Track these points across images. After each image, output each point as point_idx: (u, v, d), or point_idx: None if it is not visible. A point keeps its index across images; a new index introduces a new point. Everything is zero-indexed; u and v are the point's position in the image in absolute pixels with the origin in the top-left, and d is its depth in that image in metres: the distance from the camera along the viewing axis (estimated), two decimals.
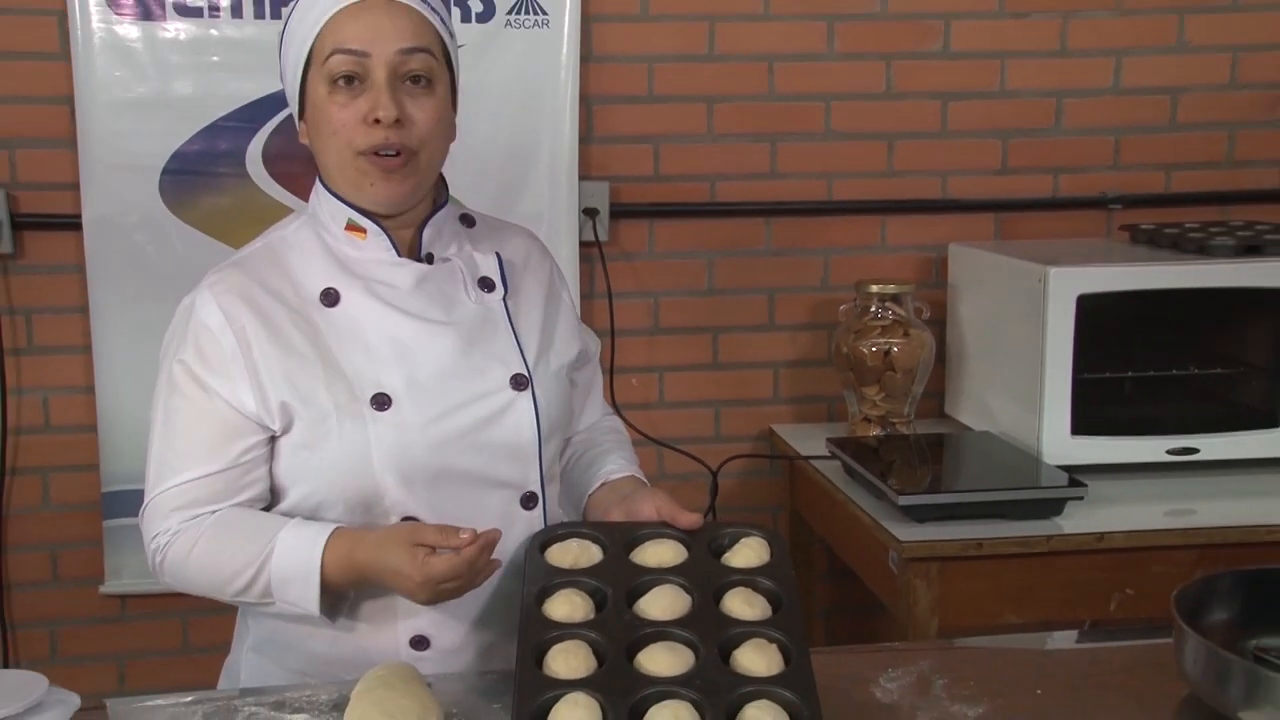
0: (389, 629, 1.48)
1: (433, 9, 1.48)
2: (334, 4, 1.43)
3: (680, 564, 1.40)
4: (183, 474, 1.45)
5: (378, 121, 1.41)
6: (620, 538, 1.44)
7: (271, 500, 1.50)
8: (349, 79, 1.42)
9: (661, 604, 1.32)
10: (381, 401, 1.43)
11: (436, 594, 1.36)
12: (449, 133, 1.51)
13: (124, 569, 2.56)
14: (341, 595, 1.45)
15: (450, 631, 1.49)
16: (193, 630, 2.66)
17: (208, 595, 1.47)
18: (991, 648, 1.60)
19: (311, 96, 1.46)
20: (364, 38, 1.41)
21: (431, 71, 1.46)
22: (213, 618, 2.56)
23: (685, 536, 1.44)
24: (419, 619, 1.47)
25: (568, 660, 1.24)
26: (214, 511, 1.45)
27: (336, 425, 1.43)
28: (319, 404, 1.43)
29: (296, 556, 1.40)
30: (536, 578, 1.38)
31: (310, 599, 1.40)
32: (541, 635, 1.28)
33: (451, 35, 1.52)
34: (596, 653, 1.26)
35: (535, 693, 1.20)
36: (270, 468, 1.48)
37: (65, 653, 2.64)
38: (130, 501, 2.50)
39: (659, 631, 1.28)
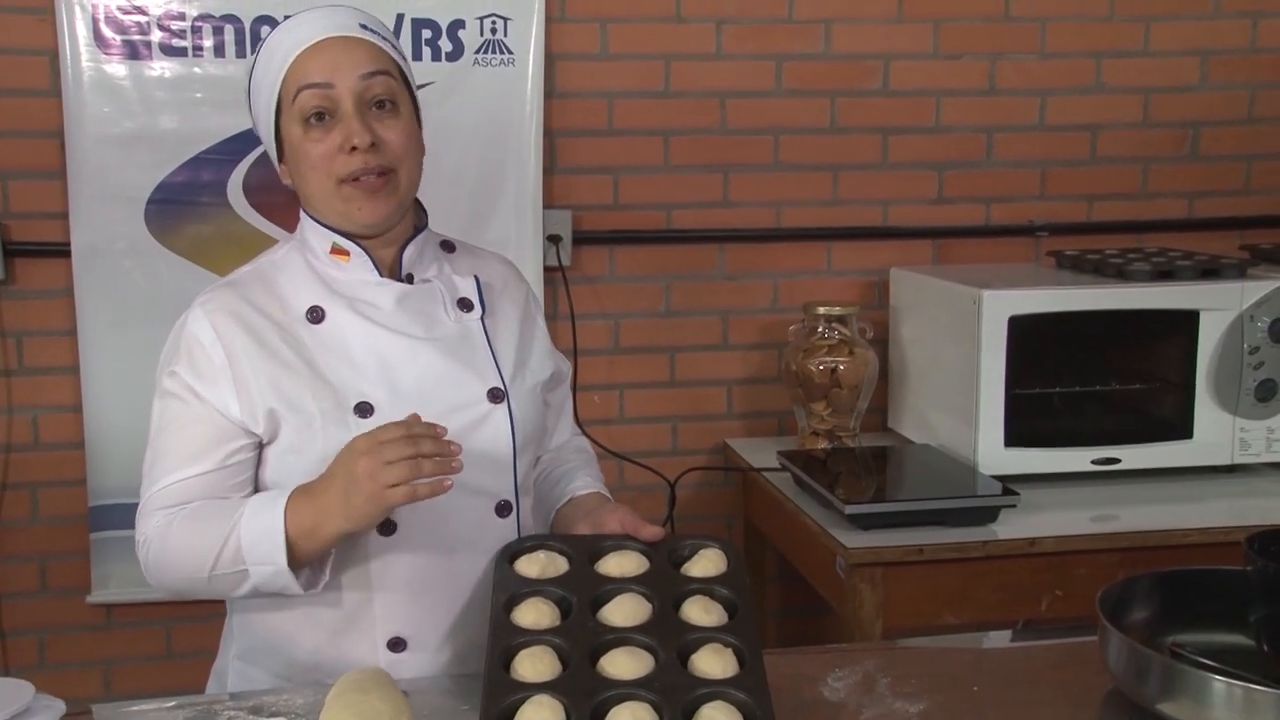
0: (368, 631, 1.46)
1: (383, 38, 1.50)
2: (294, 48, 1.44)
3: (642, 574, 1.40)
4: (173, 474, 1.44)
5: (354, 149, 1.42)
6: (585, 549, 1.44)
7: None
8: (319, 115, 1.43)
9: (624, 611, 1.32)
10: (365, 410, 1.43)
11: (382, 464, 1.29)
12: (420, 148, 1.52)
13: (110, 579, 2.52)
14: (317, 567, 1.41)
15: (426, 634, 1.47)
16: (176, 637, 2.62)
17: (188, 589, 1.44)
18: (932, 647, 1.61)
19: (288, 138, 1.47)
20: (325, 70, 1.43)
21: (394, 93, 1.47)
22: (195, 625, 2.53)
23: (647, 548, 1.44)
24: (397, 621, 1.46)
25: (534, 664, 1.24)
26: None
27: (321, 430, 1.42)
28: (305, 410, 1.43)
29: (261, 514, 1.38)
30: (505, 587, 1.37)
31: (278, 551, 1.35)
32: (509, 641, 1.28)
33: (405, 60, 1.52)
34: (561, 657, 1.26)
35: (503, 695, 1.20)
36: (257, 474, 1.47)
37: (53, 660, 2.60)
38: (117, 515, 2.48)
39: (621, 637, 1.28)
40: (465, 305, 1.53)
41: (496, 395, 1.50)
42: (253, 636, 1.52)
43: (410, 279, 1.52)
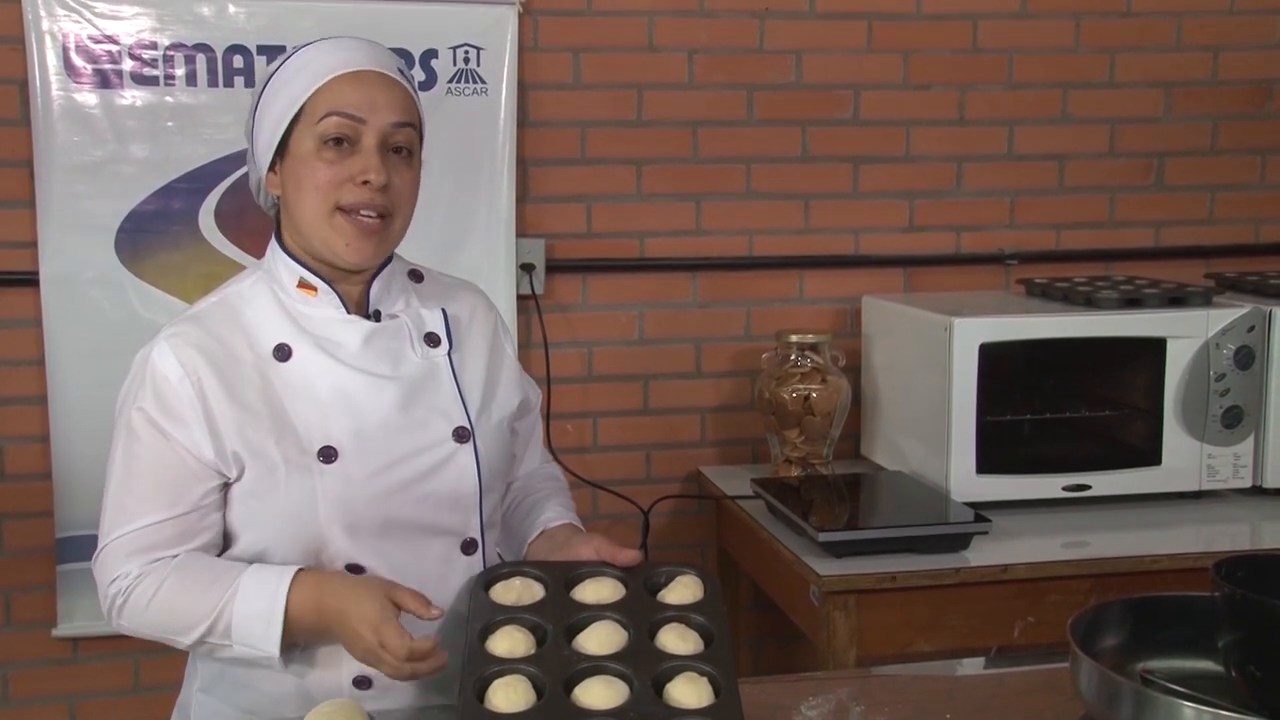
0: (334, 669, 1.45)
1: (415, 92, 1.50)
2: (333, 69, 1.43)
3: (618, 601, 1.40)
4: (141, 519, 1.41)
5: (366, 183, 1.41)
6: (561, 576, 1.44)
7: (222, 546, 1.47)
8: (339, 140, 1.42)
9: (599, 639, 1.33)
10: (328, 454, 1.42)
11: (376, 657, 1.34)
12: (416, 203, 1.51)
13: (76, 612, 2.49)
14: (294, 642, 1.42)
15: None
16: (144, 670, 2.59)
17: (164, 641, 1.44)
18: (905, 675, 1.61)
19: (294, 150, 1.44)
20: (361, 105, 1.42)
21: (413, 145, 1.48)
22: (163, 658, 2.49)
23: (623, 574, 1.44)
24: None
25: (508, 694, 1.23)
26: (173, 556, 1.42)
27: (285, 478, 1.41)
28: (268, 457, 1.41)
29: (260, 596, 1.37)
30: (480, 614, 1.37)
31: (272, 640, 1.37)
32: (483, 670, 1.27)
33: (422, 112, 1.53)
34: (536, 687, 1.26)
35: None
36: (223, 514, 1.45)
37: (17, 695, 2.56)
38: (84, 547, 2.44)
39: (595, 666, 1.28)
40: (432, 340, 1.52)
41: (462, 435, 1.49)
42: (217, 670, 1.50)
43: (378, 315, 1.51)
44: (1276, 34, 2.89)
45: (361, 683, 1.45)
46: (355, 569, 1.44)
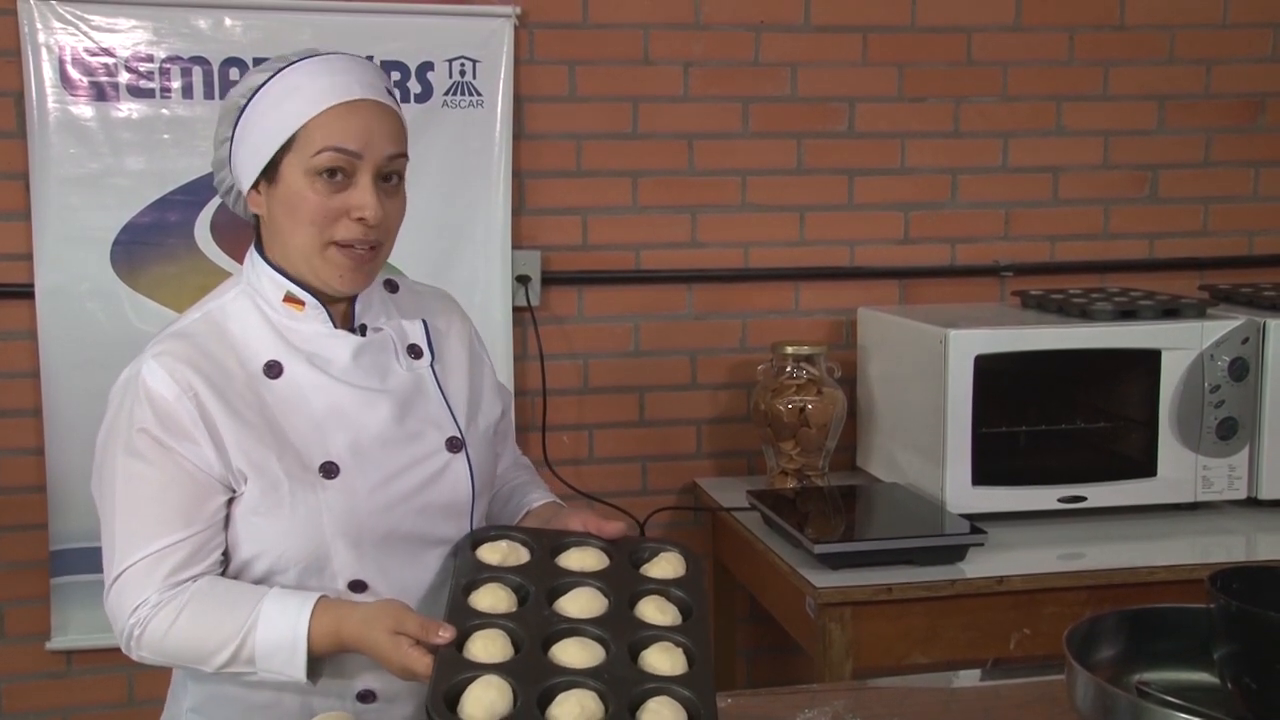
0: (337, 686, 1.45)
1: (402, 112, 1.48)
2: (326, 98, 1.39)
3: (601, 570, 1.42)
4: (157, 541, 1.38)
5: (362, 219, 1.40)
6: (548, 543, 1.47)
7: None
8: (333, 172, 1.40)
9: (579, 604, 1.35)
10: (329, 469, 1.42)
11: (411, 678, 1.33)
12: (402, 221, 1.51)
13: (70, 625, 2.49)
14: (321, 659, 1.41)
15: (395, 685, 1.45)
16: (138, 684, 2.58)
17: (188, 667, 1.42)
18: (902, 687, 1.61)
19: (285, 178, 1.41)
20: (358, 139, 1.39)
21: (402, 171, 1.46)
22: (157, 672, 2.48)
23: (609, 546, 1.47)
24: (367, 675, 1.44)
25: (486, 646, 1.26)
26: (191, 578, 1.39)
27: (289, 494, 1.40)
28: (271, 473, 1.40)
29: (281, 627, 1.36)
30: (465, 571, 1.39)
31: (297, 667, 1.36)
32: (464, 622, 1.30)
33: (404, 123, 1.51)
34: (514, 642, 1.28)
35: (452, 672, 1.22)
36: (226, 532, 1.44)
37: (11, 709, 2.55)
38: (78, 560, 2.45)
39: (573, 628, 1.31)
40: (415, 352, 1.52)
41: (454, 444, 1.50)
42: (209, 690, 1.47)
43: (363, 329, 1.51)
44: (1269, 47, 2.91)
45: (366, 696, 1.46)
46: (358, 585, 1.44)
